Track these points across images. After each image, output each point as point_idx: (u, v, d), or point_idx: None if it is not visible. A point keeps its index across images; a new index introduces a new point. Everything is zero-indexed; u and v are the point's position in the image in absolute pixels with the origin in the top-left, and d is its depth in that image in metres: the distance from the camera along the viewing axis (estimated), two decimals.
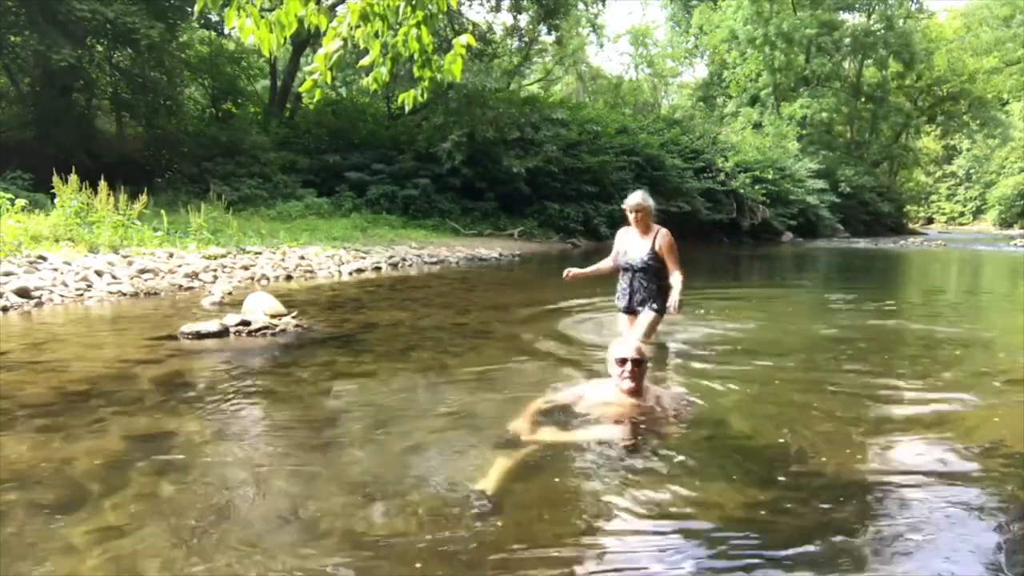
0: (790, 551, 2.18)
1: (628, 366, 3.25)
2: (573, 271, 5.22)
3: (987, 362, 5.26)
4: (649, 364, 3.44)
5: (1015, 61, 47.73)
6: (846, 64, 44.75)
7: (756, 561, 2.12)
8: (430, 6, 3.05)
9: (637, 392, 3.28)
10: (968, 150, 59.51)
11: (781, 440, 3.21)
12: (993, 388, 4.44)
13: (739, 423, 3.45)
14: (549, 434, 3.09)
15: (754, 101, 41.36)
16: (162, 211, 11.82)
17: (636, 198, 5.00)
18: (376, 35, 2.99)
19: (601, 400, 3.34)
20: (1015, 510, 2.43)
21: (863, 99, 45.10)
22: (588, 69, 43.97)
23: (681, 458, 2.92)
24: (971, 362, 5.17)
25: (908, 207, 53.67)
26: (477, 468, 2.74)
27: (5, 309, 6.18)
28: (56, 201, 9.72)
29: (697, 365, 4.76)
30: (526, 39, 29.00)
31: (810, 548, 2.19)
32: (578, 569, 2.04)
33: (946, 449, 3.14)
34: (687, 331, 6.03)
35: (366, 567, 2.03)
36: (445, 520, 2.31)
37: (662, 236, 4.99)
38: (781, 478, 2.76)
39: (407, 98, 3.48)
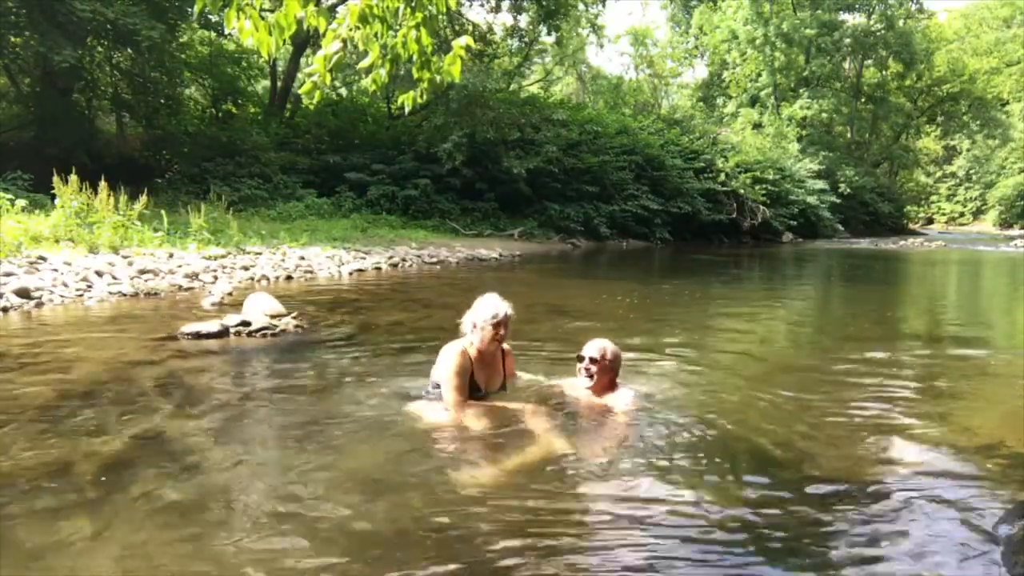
0: (788, 551, 2.19)
1: (585, 362, 3.57)
2: None
3: (987, 362, 5.26)
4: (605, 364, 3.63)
5: (1015, 62, 47.75)
6: (846, 64, 44.74)
7: (752, 561, 2.12)
8: (430, 7, 3.05)
9: (595, 389, 3.58)
10: (968, 150, 59.47)
11: (777, 440, 3.21)
12: (993, 388, 4.44)
13: (731, 423, 3.45)
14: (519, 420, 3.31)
15: (754, 101, 41.36)
16: (162, 211, 11.80)
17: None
18: (376, 37, 2.99)
19: (569, 394, 3.67)
20: (1015, 510, 2.43)
21: (863, 99, 45.06)
22: (588, 69, 43.97)
23: (660, 457, 2.92)
24: (971, 362, 5.17)
25: (908, 207, 53.56)
26: (476, 468, 2.74)
27: (5, 309, 6.18)
28: (56, 201, 9.71)
29: (693, 365, 4.76)
30: (526, 40, 28.96)
31: (808, 548, 2.19)
32: (573, 572, 2.04)
33: (946, 449, 3.14)
34: (683, 331, 6.03)
35: (367, 567, 2.03)
36: (445, 520, 2.31)
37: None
38: (777, 478, 2.76)
39: (407, 99, 3.48)
